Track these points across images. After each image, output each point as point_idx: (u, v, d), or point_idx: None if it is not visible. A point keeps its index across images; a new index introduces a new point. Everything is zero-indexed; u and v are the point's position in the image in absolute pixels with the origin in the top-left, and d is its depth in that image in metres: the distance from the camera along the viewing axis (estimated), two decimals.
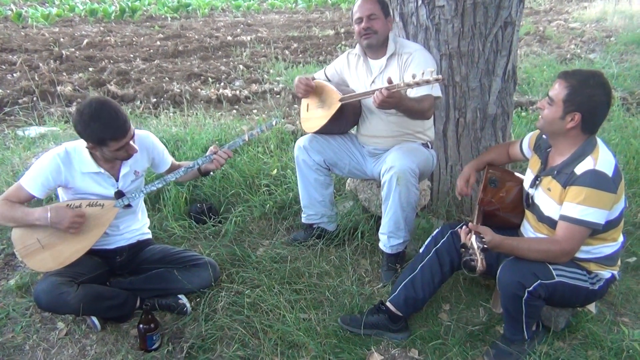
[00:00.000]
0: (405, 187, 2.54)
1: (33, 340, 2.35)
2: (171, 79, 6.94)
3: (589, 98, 1.98)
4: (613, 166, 2.00)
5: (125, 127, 2.22)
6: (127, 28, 11.89)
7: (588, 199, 1.96)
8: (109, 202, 2.40)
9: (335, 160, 2.93)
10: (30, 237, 2.28)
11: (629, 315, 2.52)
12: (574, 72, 2.04)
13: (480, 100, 3.07)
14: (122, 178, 2.45)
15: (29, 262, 2.31)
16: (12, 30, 10.84)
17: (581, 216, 1.97)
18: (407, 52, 2.69)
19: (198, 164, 2.55)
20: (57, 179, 2.31)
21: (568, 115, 2.01)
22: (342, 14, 14.71)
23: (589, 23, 10.95)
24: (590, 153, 2.03)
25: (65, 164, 2.32)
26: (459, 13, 2.86)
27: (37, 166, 2.31)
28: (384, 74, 2.71)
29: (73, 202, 2.34)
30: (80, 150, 2.35)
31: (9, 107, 5.44)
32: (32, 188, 2.29)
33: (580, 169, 2.01)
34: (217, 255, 2.89)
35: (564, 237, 2.01)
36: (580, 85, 1.98)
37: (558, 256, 2.03)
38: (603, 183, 1.96)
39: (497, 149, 2.61)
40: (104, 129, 2.18)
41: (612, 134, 4.30)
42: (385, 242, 2.74)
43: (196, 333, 2.40)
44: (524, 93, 6.02)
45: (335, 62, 3.00)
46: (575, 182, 2.00)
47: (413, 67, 2.62)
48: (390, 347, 2.36)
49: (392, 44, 2.73)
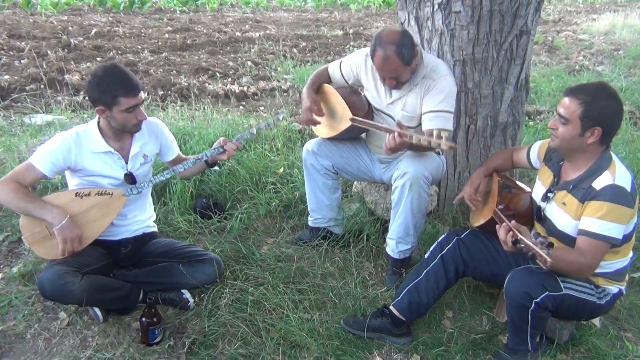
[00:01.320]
0: (418, 194, 2.53)
1: (34, 329, 2.34)
2: (179, 73, 6.92)
3: (605, 110, 1.96)
4: (630, 181, 2.00)
5: (137, 85, 2.28)
6: (135, 19, 11.87)
7: (609, 214, 1.95)
8: (118, 191, 2.40)
9: (343, 165, 2.91)
10: (38, 224, 2.27)
11: (632, 331, 2.52)
12: (581, 87, 2.02)
13: (492, 107, 3.06)
14: (131, 159, 2.45)
15: (37, 249, 2.30)
16: (20, 17, 10.82)
17: (601, 231, 1.96)
18: (431, 78, 2.55)
19: (207, 155, 2.55)
20: (67, 158, 2.31)
21: (588, 132, 1.99)
22: (350, 15, 14.70)
23: (597, 35, 10.94)
24: (607, 167, 2.01)
25: (76, 144, 2.32)
26: (475, 20, 2.85)
27: (48, 145, 2.31)
28: (407, 97, 2.61)
29: (82, 191, 2.33)
30: (91, 131, 2.38)
31: (16, 94, 5.42)
32: (43, 166, 2.27)
33: (599, 184, 1.99)
34: (222, 251, 2.88)
35: (588, 250, 1.98)
36: (593, 99, 1.96)
37: (583, 269, 2.00)
38: (623, 198, 1.95)
39: (502, 155, 2.60)
40: (116, 84, 2.23)
41: (620, 147, 4.29)
42: (394, 247, 2.73)
43: (198, 329, 2.39)
44: (532, 102, 6.01)
45: (352, 60, 2.79)
46: (596, 197, 1.98)
47: (430, 96, 2.53)
48: (392, 352, 2.35)
49: (420, 70, 2.56)
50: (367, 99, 2.78)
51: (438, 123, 2.50)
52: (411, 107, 2.61)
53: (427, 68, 2.57)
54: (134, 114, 2.31)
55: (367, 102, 2.77)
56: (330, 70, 2.89)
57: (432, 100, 2.54)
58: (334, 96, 2.80)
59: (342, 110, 2.73)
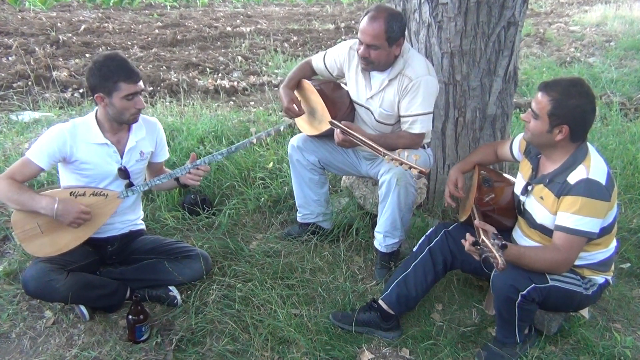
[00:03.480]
0: (405, 188, 2.52)
1: (20, 329, 2.32)
2: (169, 68, 6.87)
3: (574, 109, 1.95)
4: (606, 174, 1.99)
5: (137, 73, 2.28)
6: (125, 15, 11.76)
7: (583, 209, 1.94)
8: (112, 193, 2.37)
9: (329, 160, 2.89)
10: (30, 221, 2.24)
11: (621, 322, 2.52)
12: (555, 82, 2.00)
13: (480, 100, 3.05)
14: (127, 153, 2.41)
15: (27, 246, 2.28)
16: (8, 13, 10.69)
17: (576, 226, 1.96)
18: (408, 77, 2.51)
19: (177, 174, 2.45)
20: (62, 149, 2.28)
21: (556, 129, 1.99)
22: (342, 8, 14.62)
23: (589, 27, 10.93)
24: (582, 161, 2.01)
25: (71, 135, 2.29)
26: (462, 11, 2.83)
27: (44, 138, 2.28)
28: (384, 93, 2.60)
29: (77, 190, 2.30)
30: (89, 122, 2.35)
31: (3, 91, 5.36)
32: (40, 160, 2.25)
33: (573, 178, 1.99)
34: (210, 247, 2.86)
35: (564, 246, 1.99)
36: (563, 97, 1.95)
37: (561, 266, 2.01)
38: (597, 192, 1.95)
39: (484, 149, 2.59)
40: (118, 69, 2.23)
41: (610, 139, 4.28)
42: (381, 241, 2.71)
43: (186, 326, 2.37)
44: (523, 94, 6.00)
45: (335, 53, 2.77)
46: (570, 192, 1.98)
47: (408, 100, 2.54)
48: (381, 346, 2.35)
49: (399, 64, 2.54)
50: (348, 94, 2.77)
51: (416, 129, 2.57)
52: (389, 105, 2.61)
53: (406, 65, 2.54)
54: (133, 102, 2.28)
55: (349, 97, 2.75)
56: (314, 64, 2.86)
57: (410, 104, 2.55)
58: (314, 95, 2.76)
59: (321, 111, 2.71)
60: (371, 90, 2.64)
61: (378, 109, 2.64)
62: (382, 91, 2.60)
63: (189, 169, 2.41)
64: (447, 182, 2.51)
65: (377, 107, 2.63)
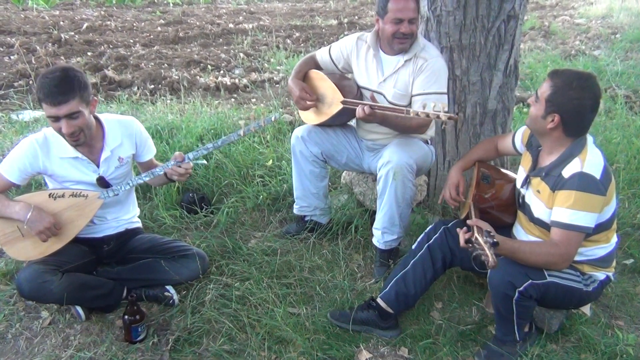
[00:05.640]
0: (402, 183, 2.49)
1: (16, 329, 2.31)
2: (170, 66, 6.85)
3: (569, 100, 1.92)
4: (601, 168, 1.95)
5: (60, 97, 2.05)
6: (128, 13, 11.75)
7: (577, 203, 1.91)
8: (93, 194, 2.33)
9: (332, 153, 2.87)
10: (10, 225, 2.23)
11: (624, 319, 2.48)
12: (563, 71, 1.98)
13: (481, 95, 3.00)
14: (103, 163, 2.36)
15: (9, 250, 2.26)
16: (11, 13, 10.71)
17: (571, 221, 1.93)
18: (423, 58, 2.56)
19: (159, 172, 2.39)
20: (34, 164, 2.25)
21: (549, 116, 1.97)
22: (345, 4, 14.54)
23: (594, 19, 10.81)
24: (578, 154, 1.98)
25: (42, 150, 2.25)
26: (461, 5, 2.79)
27: (15, 152, 2.25)
28: (398, 74, 2.61)
29: (56, 192, 2.28)
30: (57, 136, 2.25)
31: (3, 90, 5.36)
32: (10, 174, 2.23)
33: (567, 172, 1.96)
34: (208, 246, 2.84)
35: (561, 241, 1.96)
36: (563, 86, 1.93)
37: (558, 261, 1.98)
38: (591, 186, 1.91)
39: (484, 145, 2.55)
40: (41, 87, 2.07)
41: (614, 132, 4.23)
42: (379, 237, 2.69)
43: (182, 325, 2.36)
44: (527, 89, 5.93)
45: (342, 44, 2.79)
46: (564, 186, 1.95)
47: (422, 78, 2.55)
48: (379, 345, 2.32)
49: (417, 45, 2.59)
50: (356, 82, 2.76)
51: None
52: (403, 85, 2.61)
53: (420, 46, 2.59)
54: (57, 125, 2.12)
55: (357, 84, 2.75)
56: (318, 57, 2.87)
57: (424, 82, 2.54)
58: (323, 81, 2.75)
59: (332, 94, 2.69)
60: (383, 74, 2.65)
61: (392, 90, 2.63)
62: (397, 72, 2.62)
63: (171, 166, 2.35)
64: (448, 183, 2.46)
65: (392, 87, 2.63)
